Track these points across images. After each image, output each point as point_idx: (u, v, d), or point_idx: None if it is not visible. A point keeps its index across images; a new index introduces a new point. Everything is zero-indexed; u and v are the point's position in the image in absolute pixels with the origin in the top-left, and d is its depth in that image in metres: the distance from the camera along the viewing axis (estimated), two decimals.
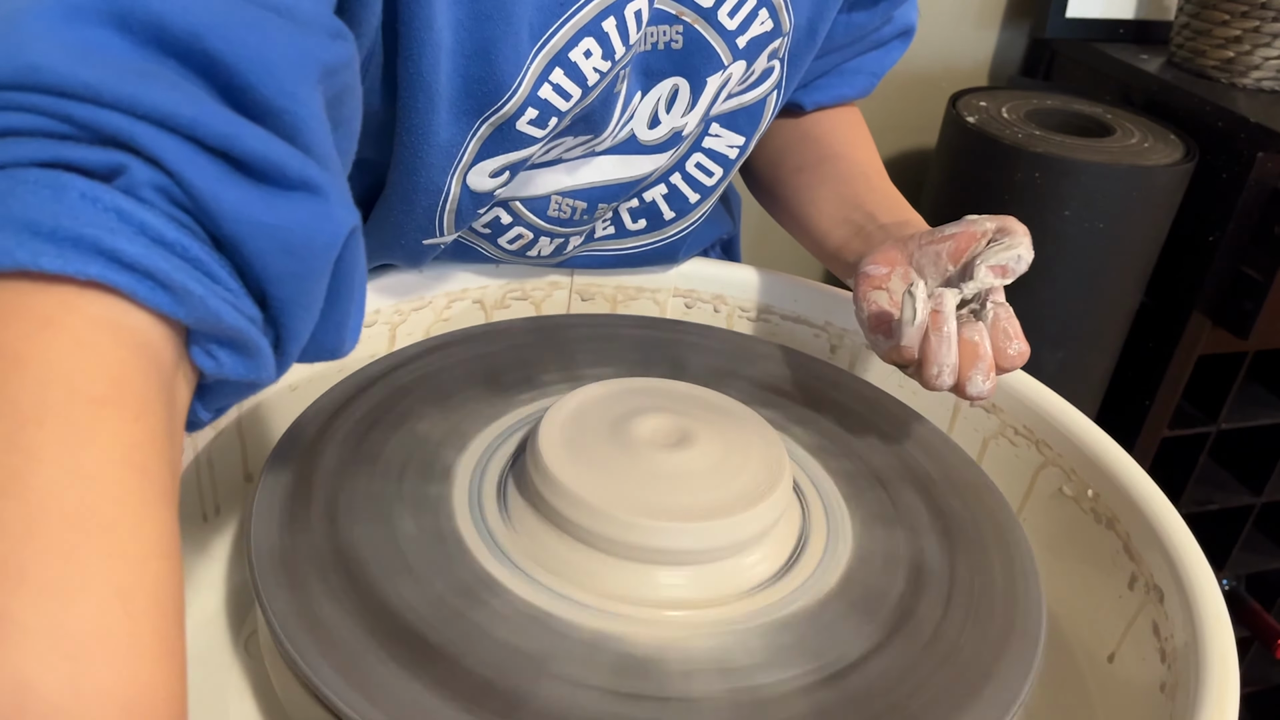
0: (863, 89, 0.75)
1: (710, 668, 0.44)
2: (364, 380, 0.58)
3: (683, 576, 0.48)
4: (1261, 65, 1.20)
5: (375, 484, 0.51)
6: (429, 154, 0.52)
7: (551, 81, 0.52)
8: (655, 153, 0.63)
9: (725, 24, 0.58)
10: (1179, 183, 1.11)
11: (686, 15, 0.57)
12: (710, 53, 0.59)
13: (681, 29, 0.57)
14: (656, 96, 0.60)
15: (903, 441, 0.60)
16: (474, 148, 0.53)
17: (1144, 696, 0.51)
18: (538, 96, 0.52)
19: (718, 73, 0.60)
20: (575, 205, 0.63)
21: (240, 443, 0.59)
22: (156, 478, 0.27)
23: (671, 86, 0.60)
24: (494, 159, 0.54)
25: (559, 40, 0.51)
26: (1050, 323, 1.16)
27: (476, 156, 0.54)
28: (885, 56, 0.74)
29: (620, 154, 0.62)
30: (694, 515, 0.47)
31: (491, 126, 0.52)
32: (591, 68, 0.52)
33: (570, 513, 0.48)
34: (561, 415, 0.53)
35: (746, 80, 0.63)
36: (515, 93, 0.51)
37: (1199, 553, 0.52)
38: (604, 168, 0.62)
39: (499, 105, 0.51)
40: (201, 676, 0.51)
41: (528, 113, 0.52)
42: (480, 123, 0.51)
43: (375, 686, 0.40)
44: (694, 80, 0.60)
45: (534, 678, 0.42)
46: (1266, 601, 1.49)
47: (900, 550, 0.52)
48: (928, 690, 0.44)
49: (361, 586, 0.45)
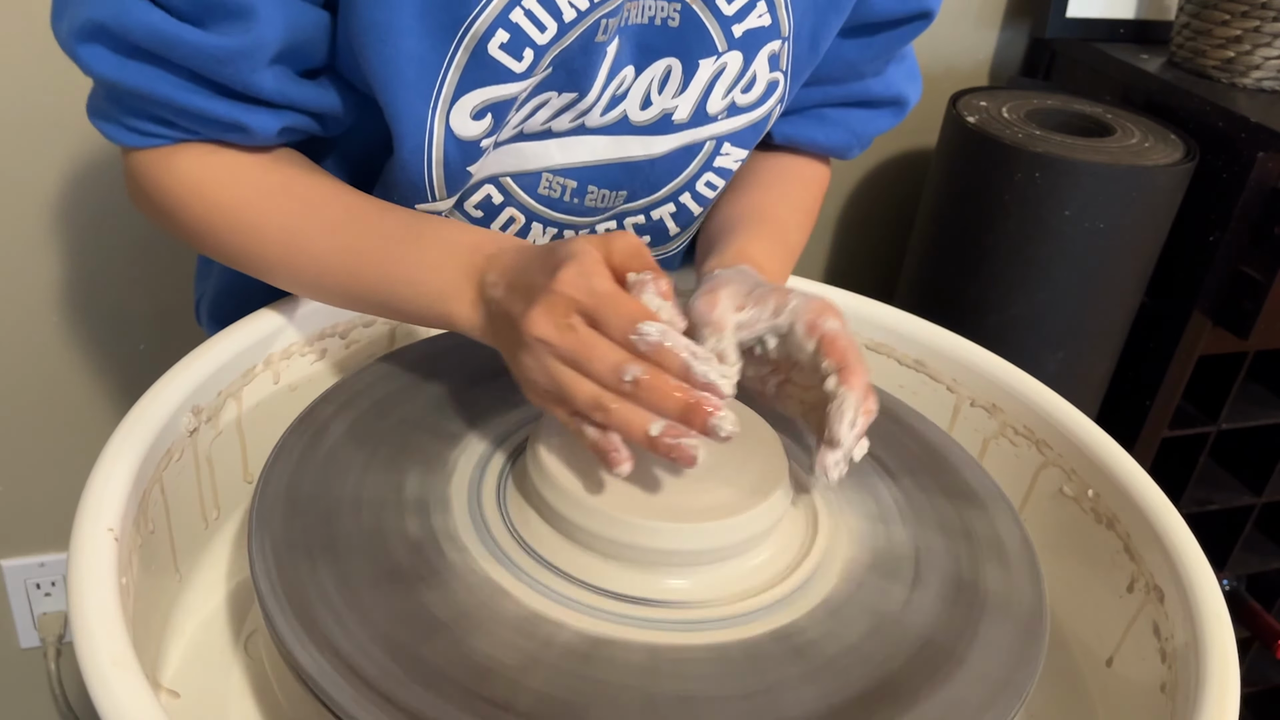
0: (839, 144, 0.72)
1: (710, 671, 0.44)
2: (364, 380, 0.58)
3: (684, 578, 0.48)
4: (1262, 65, 1.20)
5: (377, 484, 0.51)
6: (401, 64, 0.53)
7: (524, 6, 0.52)
8: (646, 134, 0.63)
9: (722, 8, 0.58)
10: (1179, 183, 1.11)
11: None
12: (704, 34, 0.59)
13: (679, 7, 0.58)
14: (651, 76, 0.60)
15: (903, 441, 0.60)
16: (454, 76, 0.54)
17: (1144, 696, 0.51)
18: (509, 19, 0.52)
19: (710, 57, 0.60)
20: (565, 184, 0.63)
21: (240, 443, 0.59)
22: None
23: (665, 67, 0.60)
24: (474, 93, 0.55)
25: None
26: (1050, 323, 1.16)
27: (457, 88, 0.54)
28: (872, 120, 0.73)
29: (612, 134, 0.62)
30: (694, 516, 0.47)
31: (467, 50, 0.53)
32: (568, 2, 0.53)
33: (570, 514, 0.48)
34: None
35: (749, 86, 0.63)
36: (485, 7, 0.52)
37: (1199, 552, 0.51)
38: (595, 147, 0.62)
39: (469, 19, 0.52)
40: (201, 677, 0.51)
41: (498, 34, 0.53)
42: (456, 43, 0.52)
43: (375, 685, 0.40)
44: (686, 61, 0.60)
45: (528, 676, 0.42)
46: (1266, 601, 1.48)
47: (900, 550, 0.52)
48: (928, 689, 0.44)
49: (362, 586, 0.45)
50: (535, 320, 0.46)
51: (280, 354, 0.60)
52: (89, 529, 0.44)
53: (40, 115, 1.01)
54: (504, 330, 0.49)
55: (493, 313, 0.50)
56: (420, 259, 0.53)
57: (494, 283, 0.50)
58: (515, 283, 0.49)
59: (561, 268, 0.46)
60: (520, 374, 0.48)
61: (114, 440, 0.49)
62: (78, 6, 0.50)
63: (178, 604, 0.55)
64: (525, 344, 0.46)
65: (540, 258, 0.49)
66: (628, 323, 0.45)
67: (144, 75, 0.52)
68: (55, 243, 1.09)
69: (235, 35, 0.50)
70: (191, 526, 0.57)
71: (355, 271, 0.55)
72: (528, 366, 0.47)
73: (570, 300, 0.45)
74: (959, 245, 1.20)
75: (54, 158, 1.04)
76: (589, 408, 0.45)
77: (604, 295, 0.45)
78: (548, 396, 0.47)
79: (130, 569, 0.46)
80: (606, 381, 0.45)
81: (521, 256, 0.50)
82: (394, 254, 0.54)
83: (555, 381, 0.46)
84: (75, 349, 1.16)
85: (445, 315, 0.53)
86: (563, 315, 0.45)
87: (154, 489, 0.50)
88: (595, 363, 0.45)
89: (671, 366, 0.44)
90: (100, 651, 0.39)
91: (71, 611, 0.40)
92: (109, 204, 1.08)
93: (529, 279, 0.48)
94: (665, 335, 0.44)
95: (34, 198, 1.05)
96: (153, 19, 0.50)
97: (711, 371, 0.44)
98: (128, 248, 1.11)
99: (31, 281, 1.10)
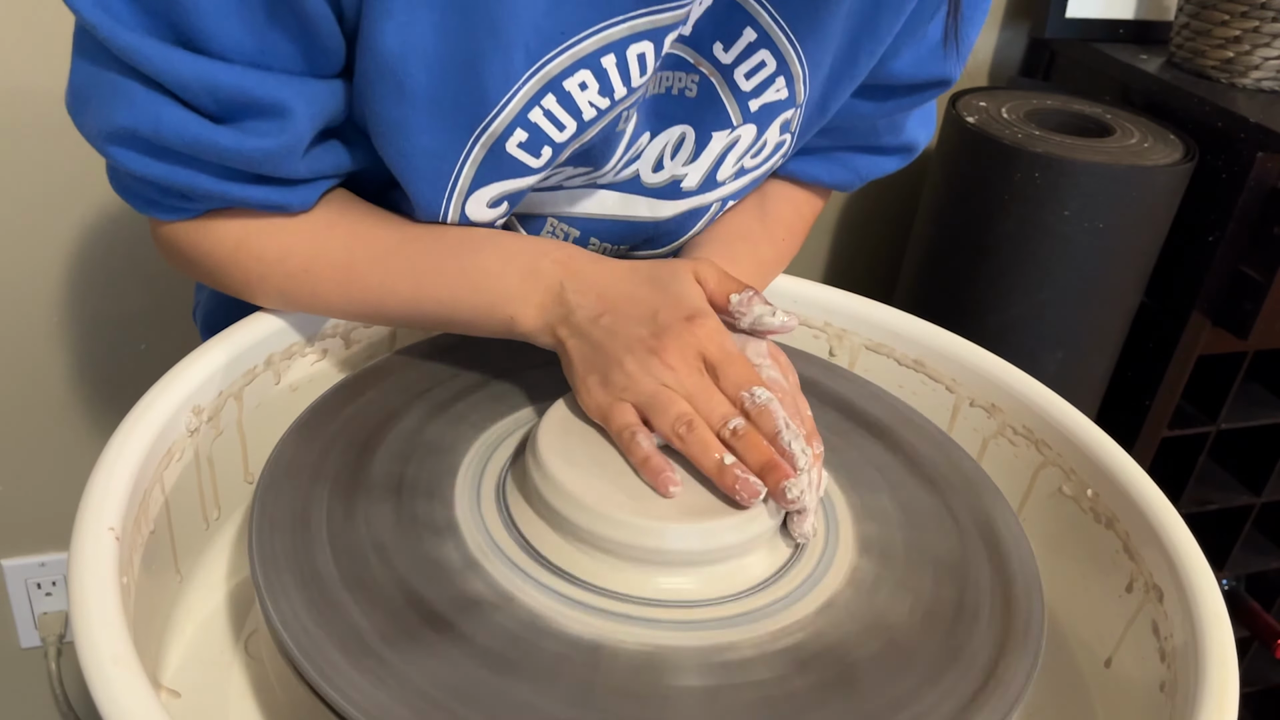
0: (841, 182, 0.71)
1: (703, 660, 0.44)
2: (365, 381, 0.58)
3: (683, 578, 0.48)
4: (1261, 65, 1.20)
5: (376, 485, 0.51)
6: (416, 160, 0.52)
7: (544, 106, 0.52)
8: (654, 197, 0.62)
9: (740, 84, 0.57)
10: (1179, 183, 1.11)
11: (704, 67, 0.57)
12: (720, 109, 0.58)
13: (697, 79, 0.57)
14: (665, 141, 0.60)
15: (903, 441, 0.60)
16: (469, 171, 0.53)
17: (1144, 696, 0.51)
18: (527, 119, 0.52)
19: (725, 130, 0.59)
20: (569, 231, 0.63)
21: (241, 443, 0.59)
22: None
23: (680, 134, 0.60)
24: (491, 186, 0.54)
25: (554, 67, 0.50)
26: (1050, 323, 1.16)
27: (473, 182, 0.54)
28: (879, 164, 0.71)
29: (622, 191, 0.62)
30: (694, 516, 0.47)
31: (484, 147, 0.52)
32: (588, 101, 0.52)
33: (570, 514, 0.48)
34: (560, 415, 0.53)
35: (759, 151, 0.62)
36: (503, 109, 0.51)
37: (1198, 552, 0.52)
38: (605, 201, 0.62)
39: (487, 121, 0.51)
40: (201, 676, 0.51)
41: (516, 134, 0.52)
42: (473, 141, 0.51)
43: (376, 684, 0.40)
44: (700, 132, 0.59)
45: (533, 675, 0.42)
46: (1266, 601, 1.49)
47: (900, 549, 0.52)
48: (929, 689, 0.44)
49: (362, 587, 0.45)
50: (670, 351, 0.50)
51: (281, 354, 0.60)
52: (90, 527, 0.44)
53: (40, 114, 1.01)
54: (603, 340, 0.51)
55: (578, 320, 0.52)
56: (483, 267, 0.55)
57: (580, 290, 0.53)
58: (621, 305, 0.52)
59: (698, 319, 0.51)
60: (604, 379, 0.51)
61: (115, 440, 0.49)
62: (106, 112, 0.49)
63: (178, 604, 0.55)
64: (645, 363, 0.50)
65: (649, 285, 0.53)
66: (745, 383, 0.50)
67: (180, 173, 0.51)
68: (55, 243, 1.09)
69: (271, 136, 0.49)
70: (192, 526, 0.57)
71: (416, 294, 0.56)
72: (627, 380, 0.50)
73: (702, 351, 0.51)
74: (959, 245, 1.20)
75: (54, 157, 1.04)
76: (674, 422, 0.49)
77: (732, 355, 0.51)
78: (615, 408, 0.50)
79: (131, 568, 0.46)
80: (711, 423, 0.49)
81: (612, 273, 0.53)
82: (452, 268, 0.55)
83: (656, 400, 0.50)
84: (75, 349, 1.16)
85: (508, 320, 0.55)
86: (694, 358, 0.50)
87: (155, 488, 0.50)
88: (709, 406, 0.50)
89: (766, 429, 0.49)
90: (101, 649, 0.39)
91: (72, 609, 0.40)
92: (109, 204, 1.08)
93: (644, 308, 0.51)
94: (771, 402, 0.49)
95: (34, 198, 1.06)
96: (188, 125, 0.48)
97: (795, 443, 0.48)
98: (128, 248, 1.12)
99: (31, 281, 1.10)
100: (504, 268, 0.55)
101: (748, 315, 0.53)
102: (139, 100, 0.48)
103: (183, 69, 0.46)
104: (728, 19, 0.55)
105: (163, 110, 0.48)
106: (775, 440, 0.48)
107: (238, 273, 0.57)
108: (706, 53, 0.56)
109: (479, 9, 0.47)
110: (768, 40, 0.56)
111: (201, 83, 0.47)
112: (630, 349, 0.51)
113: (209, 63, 0.47)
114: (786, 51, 0.56)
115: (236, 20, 0.46)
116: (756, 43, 0.56)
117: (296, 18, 0.47)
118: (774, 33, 0.55)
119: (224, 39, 0.46)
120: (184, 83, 0.47)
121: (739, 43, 0.56)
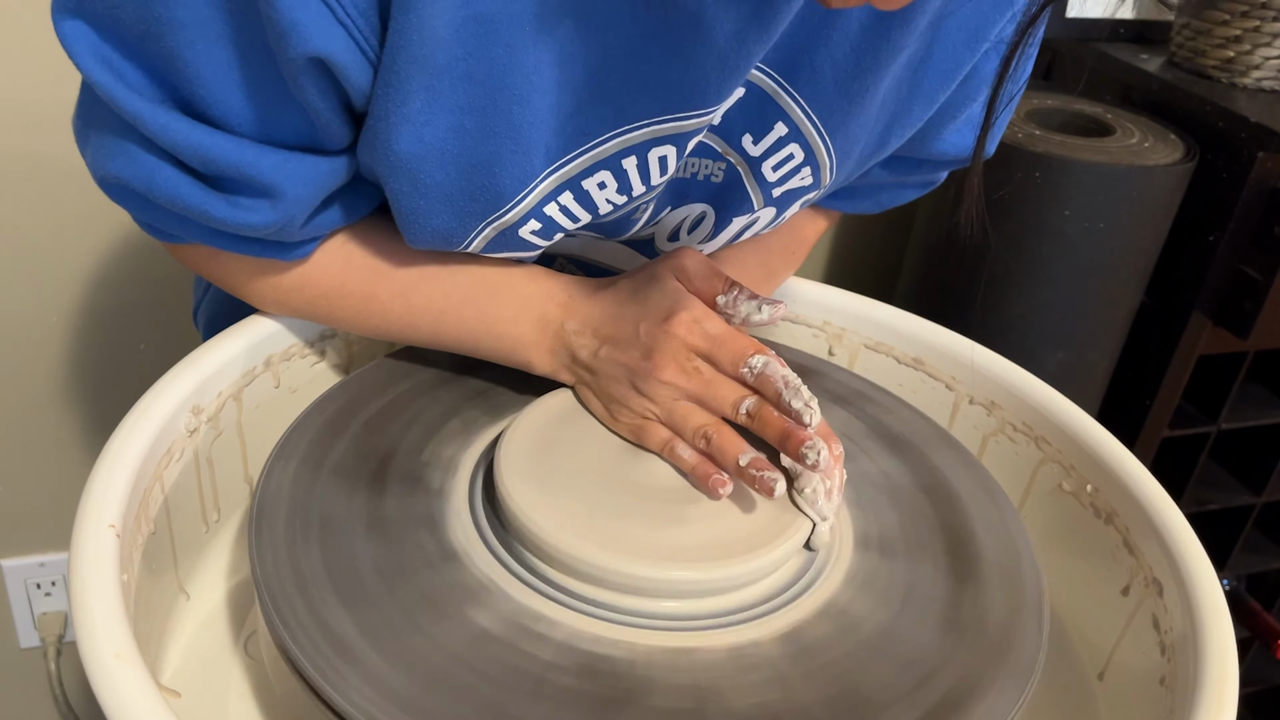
0: (862, 210, 0.71)
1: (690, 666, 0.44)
2: (364, 383, 0.58)
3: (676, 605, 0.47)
4: (1261, 65, 1.20)
5: (376, 485, 0.51)
6: (427, 238, 0.51)
7: (560, 202, 0.51)
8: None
9: (766, 175, 0.56)
10: (1179, 183, 1.11)
11: (731, 156, 0.56)
12: (744, 196, 0.58)
13: (724, 166, 0.56)
14: (684, 215, 0.60)
15: (903, 440, 0.60)
16: (479, 244, 0.53)
17: (1144, 689, 0.51)
18: (542, 212, 0.51)
19: (745, 214, 0.59)
20: (575, 270, 0.64)
21: (240, 444, 0.59)
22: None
23: (700, 212, 0.60)
24: (500, 253, 0.55)
25: (573, 168, 0.50)
26: (1050, 323, 1.16)
27: (484, 250, 0.54)
28: (900, 194, 0.70)
29: (635, 248, 0.63)
30: (695, 557, 0.47)
31: (496, 229, 0.51)
32: (605, 198, 0.52)
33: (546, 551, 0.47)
34: (526, 426, 0.53)
35: (773, 222, 0.62)
36: (518, 204, 0.50)
37: (1198, 546, 0.52)
38: (616, 254, 0.63)
39: (500, 213, 0.50)
40: (201, 676, 0.51)
41: (530, 224, 0.52)
42: (485, 225, 0.51)
43: (375, 685, 0.40)
44: (720, 214, 0.59)
45: (526, 681, 0.42)
46: (1266, 601, 1.49)
47: (899, 549, 0.52)
48: (930, 688, 0.44)
49: (362, 587, 0.45)
50: (663, 366, 0.51)
51: (280, 355, 0.60)
52: (91, 524, 0.44)
53: (40, 114, 1.01)
54: (608, 371, 0.53)
55: (582, 358, 0.55)
56: (497, 314, 0.56)
57: (577, 330, 0.55)
58: (611, 333, 0.54)
59: (674, 317, 0.52)
60: (623, 405, 0.53)
61: (115, 439, 0.49)
62: (104, 158, 0.48)
63: (178, 604, 0.55)
64: (648, 385, 0.52)
65: (630, 302, 0.54)
66: (740, 358, 0.51)
67: (173, 223, 0.50)
68: (55, 242, 1.09)
69: (263, 214, 0.48)
70: (191, 527, 0.57)
71: (437, 331, 0.57)
72: (643, 403, 0.52)
73: (690, 346, 0.52)
74: (959, 245, 1.20)
75: (54, 156, 1.04)
76: (695, 435, 0.51)
77: (718, 337, 0.52)
78: (647, 428, 0.52)
79: (131, 567, 0.46)
80: (726, 414, 0.51)
81: (601, 303, 0.55)
82: (471, 314, 0.56)
83: (673, 416, 0.52)
84: (75, 349, 1.16)
85: (525, 363, 0.57)
86: (686, 360, 0.52)
87: (154, 487, 0.50)
88: (719, 400, 0.51)
89: (769, 395, 0.50)
90: (102, 645, 0.39)
91: (73, 606, 0.40)
92: (109, 204, 1.08)
93: (629, 328, 0.53)
94: (767, 365, 0.50)
95: (34, 197, 1.06)
96: (180, 189, 0.47)
97: (795, 400, 0.49)
98: (128, 248, 1.12)
99: (31, 281, 1.10)
100: (518, 314, 0.56)
101: (735, 316, 0.54)
102: (135, 157, 0.47)
103: (179, 137, 0.45)
104: (760, 113, 0.53)
105: (158, 171, 0.47)
106: (779, 404, 0.49)
107: (252, 295, 0.57)
108: (735, 144, 0.55)
109: (499, 113, 0.45)
110: (798, 135, 0.54)
111: (196, 153, 0.46)
112: (631, 376, 0.52)
113: (208, 133, 0.45)
114: (816, 145, 0.55)
115: (241, 95, 0.45)
116: (787, 137, 0.54)
117: (300, 105, 0.45)
118: (805, 127, 0.54)
119: (226, 110, 0.45)
120: (180, 150, 0.46)
121: (769, 136, 0.54)
